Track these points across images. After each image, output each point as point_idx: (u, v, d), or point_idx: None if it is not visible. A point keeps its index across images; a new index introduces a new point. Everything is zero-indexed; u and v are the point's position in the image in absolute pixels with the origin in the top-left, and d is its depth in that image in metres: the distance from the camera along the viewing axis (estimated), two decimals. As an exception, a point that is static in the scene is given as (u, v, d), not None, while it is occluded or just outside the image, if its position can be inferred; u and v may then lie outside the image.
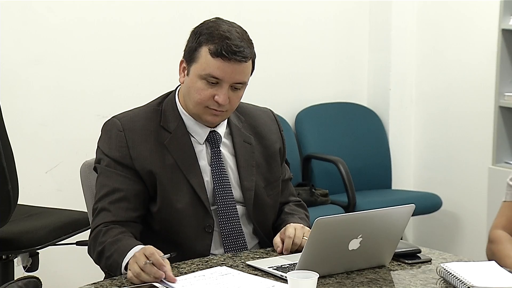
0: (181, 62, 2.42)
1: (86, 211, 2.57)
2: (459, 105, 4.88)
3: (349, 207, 4.46)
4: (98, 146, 2.46)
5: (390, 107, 5.06)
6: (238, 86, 2.38)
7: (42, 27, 4.04)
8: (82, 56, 4.15)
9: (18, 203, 3.14)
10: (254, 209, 2.47)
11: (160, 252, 2.15)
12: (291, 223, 2.44)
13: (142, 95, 4.18)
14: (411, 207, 2.24)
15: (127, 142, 2.38)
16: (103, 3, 4.19)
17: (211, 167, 2.44)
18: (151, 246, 2.18)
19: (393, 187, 5.04)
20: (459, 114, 4.89)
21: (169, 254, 2.18)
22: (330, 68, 5.03)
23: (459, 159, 4.91)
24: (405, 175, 5.15)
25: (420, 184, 5.12)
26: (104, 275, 2.49)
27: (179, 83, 2.46)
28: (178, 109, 2.45)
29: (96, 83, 4.20)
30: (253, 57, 2.40)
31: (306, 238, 2.30)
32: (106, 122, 2.46)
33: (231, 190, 2.46)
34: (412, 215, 2.30)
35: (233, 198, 2.46)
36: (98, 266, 2.39)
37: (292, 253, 2.36)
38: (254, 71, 2.47)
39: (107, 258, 2.28)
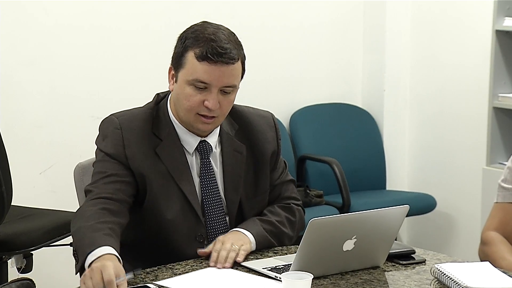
0: (170, 69, 2.37)
1: (80, 212, 2.57)
2: (453, 106, 4.89)
3: (344, 208, 4.45)
4: (96, 142, 2.41)
5: (385, 108, 5.06)
6: (228, 90, 2.31)
7: (36, 29, 4.04)
8: (76, 58, 4.14)
9: (12, 204, 3.14)
10: (236, 221, 2.43)
11: (121, 270, 2.02)
12: (223, 236, 2.34)
13: (136, 97, 4.16)
14: (406, 208, 2.25)
15: (123, 141, 2.34)
16: (97, 6, 4.19)
17: (200, 178, 2.40)
18: (111, 267, 2.00)
19: (388, 188, 5.04)
20: (453, 115, 4.89)
21: (129, 274, 2.10)
22: (325, 69, 5.03)
23: (453, 160, 4.92)
24: (400, 176, 5.15)
25: (415, 185, 5.13)
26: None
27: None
28: (169, 116, 2.40)
29: (90, 85, 4.19)
30: (242, 59, 2.33)
31: (237, 247, 2.25)
32: (103, 119, 2.41)
33: (221, 202, 2.42)
34: (407, 216, 2.30)
35: (223, 210, 2.42)
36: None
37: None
38: (250, 72, 2.45)
39: (78, 240, 2.17)
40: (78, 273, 2.14)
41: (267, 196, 2.52)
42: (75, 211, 2.32)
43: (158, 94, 2.47)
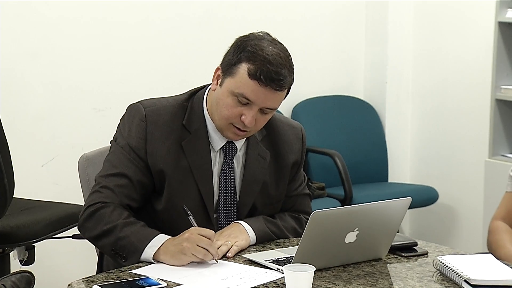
0: (217, 69, 2.36)
1: (83, 204, 2.57)
2: (456, 98, 4.88)
3: (346, 200, 4.46)
4: (119, 123, 2.41)
5: (387, 100, 5.06)
6: (267, 111, 2.33)
7: (39, 22, 4.04)
8: (78, 51, 4.15)
9: (14, 196, 3.14)
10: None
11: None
12: (221, 231, 2.38)
13: (138, 89, 4.21)
14: (408, 200, 2.25)
15: (146, 135, 2.35)
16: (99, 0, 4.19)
17: (220, 178, 2.41)
18: (197, 232, 2.21)
19: (390, 180, 5.04)
20: (456, 107, 4.89)
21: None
22: (327, 61, 5.02)
23: (455, 152, 4.92)
24: (402, 168, 5.15)
25: (417, 177, 5.13)
26: (96, 269, 2.48)
27: (209, 84, 2.40)
28: (203, 111, 2.40)
29: (92, 77, 4.19)
30: (290, 86, 2.33)
31: (230, 243, 2.29)
32: (132, 104, 2.40)
33: (235, 204, 2.43)
34: (409, 208, 2.31)
35: (236, 211, 2.44)
36: (91, 254, 2.36)
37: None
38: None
39: (119, 238, 2.24)
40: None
41: (280, 205, 2.53)
42: (78, 203, 2.33)
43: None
